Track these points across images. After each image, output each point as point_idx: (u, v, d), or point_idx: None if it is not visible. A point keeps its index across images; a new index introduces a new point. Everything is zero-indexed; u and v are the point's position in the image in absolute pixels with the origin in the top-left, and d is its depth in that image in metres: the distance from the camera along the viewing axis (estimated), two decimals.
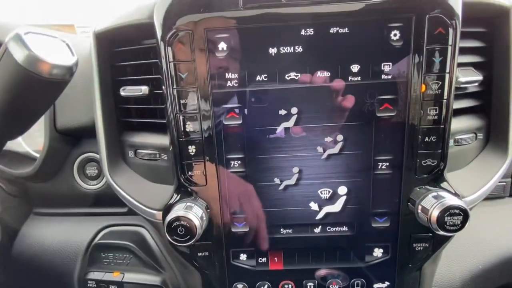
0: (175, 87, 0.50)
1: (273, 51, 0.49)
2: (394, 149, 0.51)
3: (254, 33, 0.48)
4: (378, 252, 0.57)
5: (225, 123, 0.52)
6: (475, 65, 0.57)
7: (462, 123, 0.58)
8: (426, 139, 0.51)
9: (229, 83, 0.50)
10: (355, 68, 0.48)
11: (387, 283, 0.58)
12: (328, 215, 0.55)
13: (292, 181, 0.53)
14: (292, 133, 0.51)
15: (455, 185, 0.53)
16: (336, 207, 0.54)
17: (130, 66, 0.61)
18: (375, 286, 0.58)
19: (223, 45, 0.49)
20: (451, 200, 0.47)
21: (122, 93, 0.60)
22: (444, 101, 0.49)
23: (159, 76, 0.52)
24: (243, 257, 0.58)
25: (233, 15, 0.47)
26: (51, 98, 0.47)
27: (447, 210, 0.47)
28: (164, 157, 0.60)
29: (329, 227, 0.56)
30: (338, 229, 0.56)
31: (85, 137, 0.76)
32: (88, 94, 0.69)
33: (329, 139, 0.51)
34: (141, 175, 0.64)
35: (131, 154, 0.64)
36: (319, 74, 0.49)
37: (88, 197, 0.77)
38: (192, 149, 0.53)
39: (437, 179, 0.52)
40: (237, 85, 0.50)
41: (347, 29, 0.47)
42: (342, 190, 0.54)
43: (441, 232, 0.48)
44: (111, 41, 0.60)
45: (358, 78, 0.49)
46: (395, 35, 0.47)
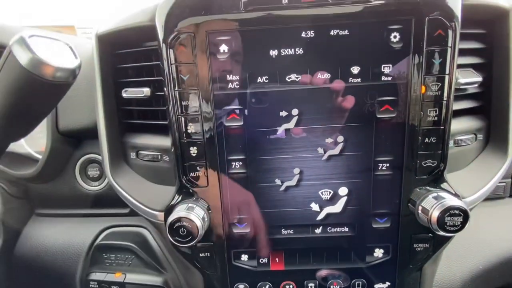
0: (176, 89, 0.51)
1: (274, 53, 0.49)
2: (394, 150, 0.52)
3: (255, 35, 0.48)
4: (378, 252, 0.57)
5: (226, 124, 0.52)
6: (474, 66, 0.58)
7: (462, 124, 0.59)
8: (426, 140, 0.51)
9: (230, 85, 0.50)
10: (355, 69, 0.49)
11: (387, 283, 0.59)
12: (329, 215, 0.55)
13: (293, 182, 0.54)
14: (293, 134, 0.52)
15: (455, 185, 0.53)
16: (336, 207, 0.55)
17: (132, 68, 0.62)
18: (376, 286, 0.59)
19: (224, 47, 0.49)
20: (451, 201, 0.47)
21: (124, 94, 0.60)
22: (444, 102, 0.49)
23: (160, 78, 0.52)
24: (244, 257, 0.59)
25: (235, 17, 0.48)
26: (54, 100, 0.48)
27: (447, 211, 0.47)
28: (165, 158, 0.60)
29: (330, 227, 0.56)
30: (338, 229, 0.56)
31: (87, 138, 0.76)
32: (90, 96, 0.70)
33: (329, 140, 0.52)
34: (142, 176, 0.65)
35: (132, 155, 0.64)
36: (319, 75, 0.49)
37: (90, 198, 0.78)
38: (193, 150, 0.53)
39: (437, 179, 0.53)
40: (238, 86, 0.50)
41: (347, 31, 0.47)
42: (343, 191, 0.54)
43: (441, 233, 0.48)
44: (113, 43, 0.61)
45: (359, 80, 0.49)
46: (395, 37, 0.47)
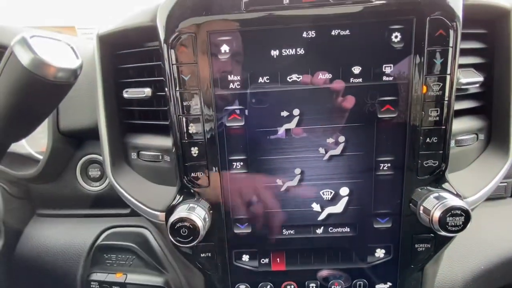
0: (177, 89, 0.51)
1: (275, 53, 0.49)
2: (396, 150, 0.52)
3: (256, 36, 0.48)
4: (380, 252, 0.57)
5: (227, 124, 0.52)
6: (476, 66, 0.57)
7: (463, 124, 0.58)
8: (428, 140, 0.51)
9: (231, 85, 0.50)
10: (356, 70, 0.49)
11: (389, 283, 0.58)
12: (330, 216, 0.55)
13: (294, 182, 0.54)
14: (294, 134, 0.52)
15: (456, 185, 0.53)
16: (338, 208, 0.55)
17: (133, 68, 0.62)
18: (377, 286, 0.59)
19: (225, 48, 0.49)
20: (452, 201, 0.47)
21: (125, 95, 0.60)
22: (445, 102, 0.49)
23: (162, 78, 0.52)
24: (245, 258, 0.59)
25: (236, 17, 0.48)
26: (55, 100, 0.48)
27: (449, 211, 0.47)
28: (166, 158, 0.60)
29: (331, 228, 0.56)
30: (340, 230, 0.56)
31: (88, 138, 0.76)
32: (91, 96, 0.70)
33: (330, 140, 0.52)
34: (143, 177, 0.65)
35: (133, 155, 0.64)
36: (320, 76, 0.49)
37: (91, 198, 0.78)
38: (194, 150, 0.53)
39: (438, 180, 0.52)
40: (239, 87, 0.50)
41: (348, 31, 0.47)
42: (344, 191, 0.54)
43: (442, 233, 0.48)
44: (114, 43, 0.61)
45: (360, 80, 0.49)
46: (396, 37, 0.47)
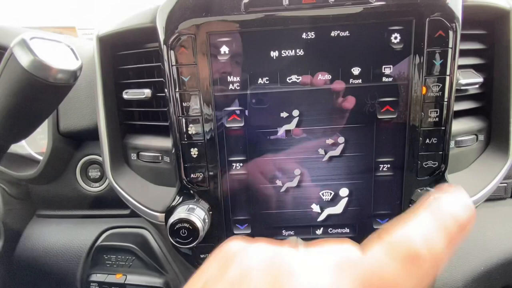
0: (177, 90, 0.51)
1: (274, 54, 0.49)
2: (395, 151, 0.52)
3: (256, 37, 0.49)
4: None
5: (227, 125, 0.52)
6: (475, 67, 0.57)
7: (463, 124, 0.58)
8: (427, 140, 0.51)
9: (231, 86, 0.50)
10: (356, 70, 0.49)
11: None
12: (329, 216, 0.55)
13: (293, 183, 0.54)
14: (294, 135, 0.52)
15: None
16: (337, 209, 0.55)
17: (133, 69, 0.62)
18: None
19: (225, 49, 0.49)
20: None
21: (125, 96, 0.60)
22: (445, 103, 0.49)
23: (161, 79, 0.52)
24: None
25: (235, 19, 0.48)
26: (55, 102, 0.48)
27: None
28: (166, 159, 0.60)
29: (331, 228, 0.56)
30: (339, 230, 0.56)
31: (88, 139, 0.76)
32: (91, 97, 0.70)
33: (330, 141, 0.52)
34: (143, 178, 0.65)
35: (133, 156, 0.64)
36: (320, 76, 0.49)
37: (91, 199, 0.78)
38: (194, 151, 0.53)
39: (438, 180, 0.52)
40: (239, 88, 0.50)
41: (348, 32, 0.48)
42: (344, 192, 0.54)
43: None
44: (114, 44, 0.61)
45: (359, 81, 0.49)
46: (395, 38, 0.47)
